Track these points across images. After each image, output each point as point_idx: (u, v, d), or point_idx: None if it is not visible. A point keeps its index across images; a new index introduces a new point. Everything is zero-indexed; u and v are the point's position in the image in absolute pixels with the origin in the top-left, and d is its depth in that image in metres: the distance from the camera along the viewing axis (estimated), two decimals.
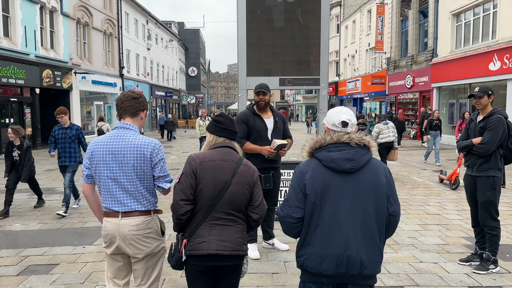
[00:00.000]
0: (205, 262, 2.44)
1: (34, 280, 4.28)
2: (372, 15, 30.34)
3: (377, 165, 2.23)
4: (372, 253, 2.14)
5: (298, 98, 62.52)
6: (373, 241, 2.16)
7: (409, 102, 25.14)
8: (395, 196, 2.24)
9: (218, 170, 2.48)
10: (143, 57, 35.45)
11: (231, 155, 2.57)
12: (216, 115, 2.73)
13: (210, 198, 2.46)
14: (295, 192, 2.22)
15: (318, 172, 2.18)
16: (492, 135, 4.27)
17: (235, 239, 2.46)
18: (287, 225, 2.24)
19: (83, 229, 6.13)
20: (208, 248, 2.41)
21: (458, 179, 8.93)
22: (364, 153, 2.20)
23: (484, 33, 17.70)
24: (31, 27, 18.54)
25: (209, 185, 2.45)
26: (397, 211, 2.24)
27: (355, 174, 2.17)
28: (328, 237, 2.14)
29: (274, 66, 9.90)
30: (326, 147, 2.21)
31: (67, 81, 21.49)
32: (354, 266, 2.11)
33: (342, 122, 2.25)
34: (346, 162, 2.15)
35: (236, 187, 2.48)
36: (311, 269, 2.18)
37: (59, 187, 9.65)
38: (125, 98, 2.69)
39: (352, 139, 2.20)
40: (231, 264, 2.49)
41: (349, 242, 2.12)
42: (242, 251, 2.49)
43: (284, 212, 2.23)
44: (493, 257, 4.41)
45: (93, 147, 2.65)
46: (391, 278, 4.26)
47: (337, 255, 2.12)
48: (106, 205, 2.64)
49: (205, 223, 2.46)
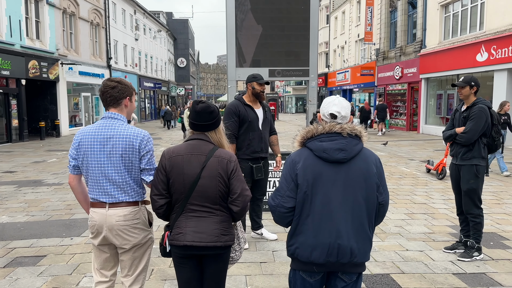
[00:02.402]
0: (184, 251, 2.48)
1: (21, 272, 4.26)
2: (361, 6, 30.33)
3: (368, 155, 2.24)
4: (362, 242, 2.17)
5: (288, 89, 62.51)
6: (363, 230, 2.18)
7: (398, 93, 25.30)
8: (385, 185, 2.26)
9: (186, 164, 2.45)
10: (131, 48, 35.05)
11: (200, 147, 2.49)
12: (193, 102, 2.59)
13: (181, 192, 2.46)
14: (287, 182, 2.21)
15: (310, 162, 2.18)
16: (473, 124, 4.34)
17: (211, 230, 2.44)
18: (279, 214, 2.24)
19: (70, 221, 6.09)
20: (184, 239, 2.43)
21: (445, 169, 9.05)
22: (356, 143, 2.20)
23: (472, 24, 17.83)
24: (16, 16, 18.19)
25: (178, 180, 2.45)
26: (386, 200, 2.26)
27: (346, 164, 2.17)
28: (320, 227, 2.15)
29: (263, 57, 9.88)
30: (318, 137, 2.21)
31: (54, 72, 21.19)
32: (345, 254, 2.14)
33: (330, 115, 2.25)
34: (338, 152, 2.15)
35: (206, 180, 2.43)
36: (302, 258, 2.19)
37: (46, 179, 9.56)
38: (104, 89, 2.63)
39: (344, 129, 2.19)
40: (212, 253, 2.48)
41: (340, 231, 2.13)
42: (220, 242, 2.45)
43: (276, 201, 2.23)
44: (477, 244, 4.49)
45: (80, 136, 2.60)
46: (377, 266, 4.32)
47: (328, 244, 2.13)
48: (93, 195, 2.62)
49: (182, 215, 2.48)
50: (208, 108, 2.52)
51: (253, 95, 4.77)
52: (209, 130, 2.55)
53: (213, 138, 2.55)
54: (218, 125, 2.58)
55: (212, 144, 2.52)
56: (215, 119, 2.54)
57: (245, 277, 4.07)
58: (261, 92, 4.76)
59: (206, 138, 2.53)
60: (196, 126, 2.54)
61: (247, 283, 3.94)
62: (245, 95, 4.83)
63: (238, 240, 2.69)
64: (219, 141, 2.57)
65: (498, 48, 15.53)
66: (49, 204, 7.18)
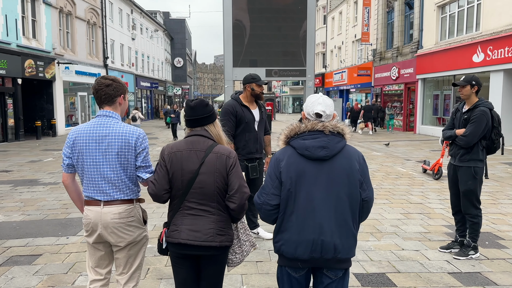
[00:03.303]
0: (180, 249, 2.46)
1: (16, 270, 4.24)
2: (358, 6, 30.38)
3: (350, 152, 2.27)
4: (345, 238, 2.19)
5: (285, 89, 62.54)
6: (347, 226, 2.20)
7: (395, 94, 25.35)
8: (368, 182, 2.28)
9: (185, 160, 2.44)
10: (127, 47, 34.98)
11: (199, 143, 2.48)
12: (186, 102, 2.58)
13: (179, 189, 2.45)
14: (271, 180, 2.25)
15: (293, 160, 2.22)
16: (473, 128, 4.31)
17: (206, 230, 2.42)
18: (264, 212, 2.28)
19: (66, 220, 6.07)
20: (179, 237, 2.42)
21: (441, 169, 9.08)
22: (338, 141, 2.23)
23: (468, 25, 17.90)
24: (12, 15, 18.12)
25: (177, 176, 2.44)
26: (370, 197, 2.27)
27: (329, 161, 2.20)
28: (303, 223, 2.18)
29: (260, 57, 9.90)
30: (301, 135, 2.24)
31: (50, 71, 21.11)
32: (328, 250, 2.16)
33: (315, 114, 2.28)
34: (320, 150, 2.18)
35: (204, 177, 2.41)
36: (287, 254, 2.23)
37: (42, 178, 9.52)
38: (99, 87, 2.62)
39: (326, 127, 2.22)
40: (207, 254, 2.46)
41: (323, 228, 2.16)
42: (215, 242, 2.42)
43: (261, 199, 2.27)
44: (473, 243, 4.51)
45: (75, 135, 2.59)
46: (373, 265, 4.33)
47: (312, 241, 2.16)
48: (88, 193, 2.61)
49: (179, 212, 2.47)
50: (203, 102, 2.54)
51: (252, 96, 4.76)
52: (207, 124, 2.54)
53: (213, 132, 2.55)
54: (215, 119, 2.58)
55: (211, 140, 2.52)
56: (211, 112, 2.54)
57: (241, 276, 4.07)
58: (260, 93, 4.76)
59: (205, 134, 2.52)
60: (193, 121, 2.52)
61: (243, 282, 3.94)
62: (242, 95, 4.81)
63: (240, 243, 2.64)
64: (217, 135, 2.56)
65: (494, 49, 15.59)
66: (45, 203, 7.15)
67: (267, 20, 9.68)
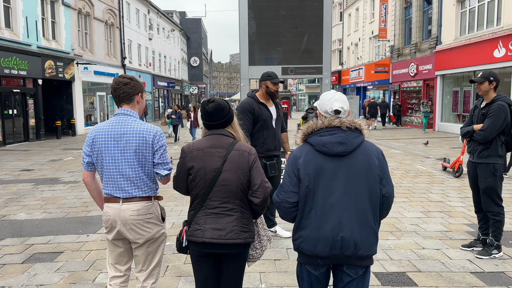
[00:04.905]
0: (203, 248, 2.46)
1: (39, 267, 4.32)
2: (375, 3, 30.02)
3: (369, 147, 2.24)
4: (366, 234, 2.16)
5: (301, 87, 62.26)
6: (367, 222, 2.17)
7: (413, 91, 24.98)
8: (388, 177, 2.25)
9: (207, 158, 2.44)
10: (145, 47, 35.33)
11: (220, 141, 2.49)
12: (202, 104, 2.56)
13: (202, 188, 2.45)
14: (290, 177, 2.24)
15: (311, 157, 2.20)
16: (491, 122, 4.23)
17: (231, 227, 2.42)
18: (283, 210, 2.27)
19: (86, 218, 6.17)
20: (203, 236, 2.42)
21: (461, 166, 8.91)
22: (356, 136, 2.21)
23: (489, 20, 17.50)
24: (32, 17, 18.48)
25: (199, 175, 2.44)
26: (390, 193, 2.25)
27: (347, 157, 2.18)
28: (322, 220, 2.16)
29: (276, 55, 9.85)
30: (318, 131, 2.23)
31: (69, 72, 21.47)
32: (348, 247, 2.14)
33: (335, 111, 2.26)
34: (338, 146, 2.17)
35: (227, 174, 2.42)
36: (306, 252, 2.21)
37: (63, 177, 9.70)
38: (117, 85, 2.66)
39: (343, 122, 2.21)
40: (231, 252, 2.47)
41: (342, 224, 2.14)
42: (240, 239, 2.43)
43: (280, 197, 2.26)
44: (496, 242, 4.41)
45: (94, 133, 2.64)
46: (393, 264, 4.27)
47: (331, 237, 2.14)
48: (107, 191, 2.65)
49: (201, 211, 2.47)
50: (219, 106, 2.50)
51: (267, 94, 4.74)
52: (224, 127, 2.56)
53: (231, 130, 2.57)
54: (232, 120, 2.59)
55: (231, 137, 2.53)
56: (228, 115, 2.54)
57: (260, 274, 4.06)
58: (275, 91, 4.73)
59: (224, 132, 2.54)
60: (211, 126, 2.55)
61: (261, 280, 3.94)
62: (258, 93, 4.80)
63: (259, 238, 2.65)
64: (236, 133, 2.58)
65: None
66: (65, 201, 7.28)
67: (282, 18, 9.62)
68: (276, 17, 9.50)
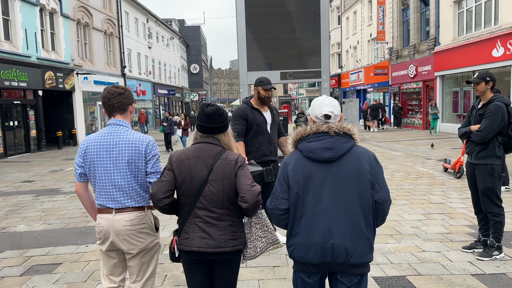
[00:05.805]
0: (192, 256, 2.46)
1: (37, 280, 4.31)
2: (373, 5, 30.09)
3: (359, 152, 2.19)
4: (358, 241, 2.12)
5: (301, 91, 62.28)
6: (359, 229, 2.13)
7: (413, 92, 24.95)
8: (382, 183, 2.18)
9: (193, 167, 2.43)
10: (144, 56, 35.46)
11: (208, 150, 2.47)
12: (201, 106, 2.58)
13: (189, 196, 2.44)
14: (280, 184, 2.23)
15: (300, 163, 2.19)
16: (488, 123, 4.21)
17: (218, 236, 2.40)
18: (275, 217, 2.26)
19: (86, 228, 6.15)
20: (191, 245, 2.42)
21: (462, 167, 8.86)
22: (345, 141, 2.17)
23: (487, 20, 17.50)
24: (31, 29, 18.59)
25: (185, 183, 2.43)
26: (384, 198, 2.17)
27: (336, 163, 2.15)
28: (312, 227, 2.14)
29: (274, 60, 9.86)
30: (306, 137, 2.22)
31: (70, 82, 21.55)
32: (339, 254, 2.10)
33: (324, 116, 2.24)
34: (325, 152, 2.14)
35: (213, 184, 2.41)
36: (299, 259, 2.19)
37: (63, 187, 9.70)
38: (111, 95, 2.66)
39: (331, 128, 2.18)
40: (221, 258, 2.45)
41: (333, 231, 2.11)
42: (228, 247, 2.41)
43: (272, 204, 2.25)
44: (497, 243, 4.37)
45: (86, 144, 2.64)
46: (393, 268, 4.24)
47: (321, 244, 2.11)
48: (100, 202, 2.64)
49: (190, 220, 2.47)
50: (218, 110, 2.53)
51: (258, 100, 4.75)
52: (218, 133, 2.54)
53: (223, 140, 2.55)
54: (227, 128, 2.59)
55: (220, 146, 2.51)
56: (224, 122, 2.54)
57: (258, 281, 4.03)
58: (265, 97, 4.70)
59: (214, 141, 2.51)
60: (206, 128, 2.52)
61: (260, 287, 3.91)
62: (252, 99, 4.82)
63: (252, 237, 2.58)
64: (228, 144, 2.56)
65: None
66: (65, 212, 7.27)
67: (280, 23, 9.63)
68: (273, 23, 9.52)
